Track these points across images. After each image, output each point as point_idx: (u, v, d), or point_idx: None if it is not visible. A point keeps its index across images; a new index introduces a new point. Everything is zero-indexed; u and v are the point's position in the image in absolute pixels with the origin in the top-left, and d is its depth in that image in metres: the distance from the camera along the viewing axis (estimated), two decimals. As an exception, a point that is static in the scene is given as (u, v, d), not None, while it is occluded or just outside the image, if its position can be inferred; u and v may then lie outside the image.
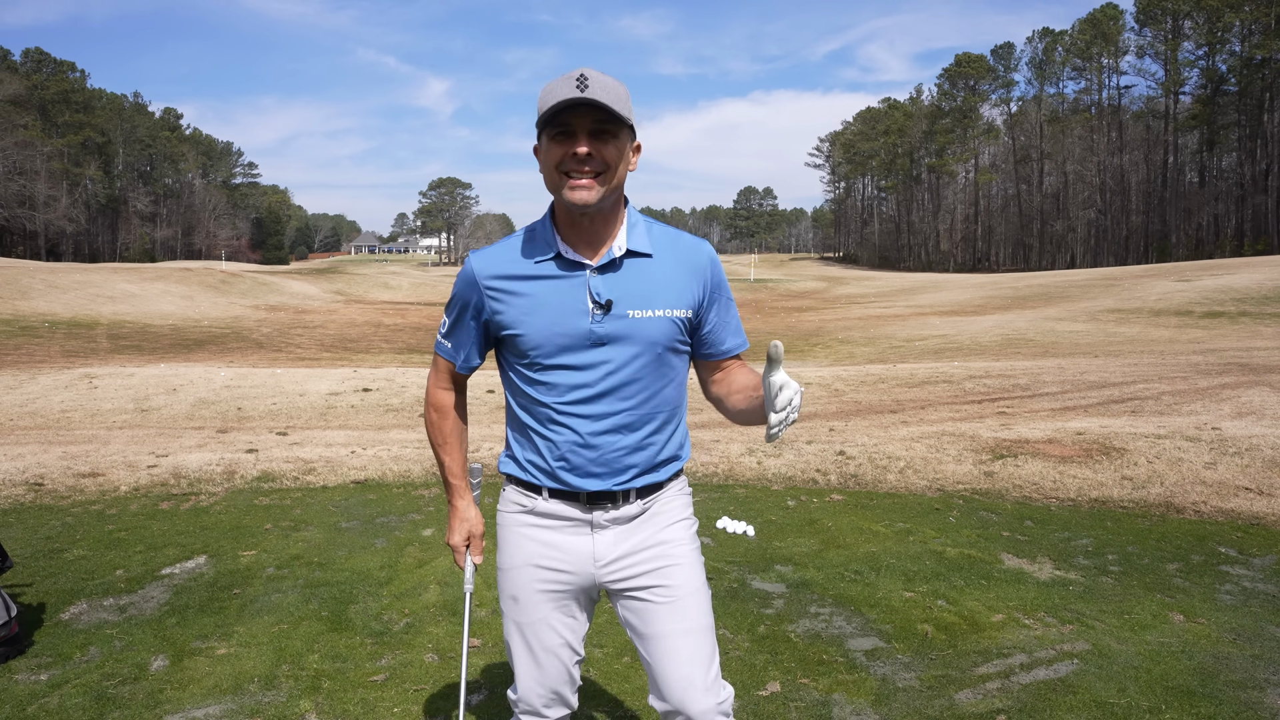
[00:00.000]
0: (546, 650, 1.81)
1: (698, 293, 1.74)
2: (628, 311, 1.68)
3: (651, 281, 1.70)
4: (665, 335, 1.71)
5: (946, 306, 37.37)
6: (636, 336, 1.68)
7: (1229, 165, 78.92)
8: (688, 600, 1.76)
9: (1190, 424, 7.54)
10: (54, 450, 7.13)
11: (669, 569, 1.77)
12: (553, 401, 1.71)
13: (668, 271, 1.71)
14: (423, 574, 4.12)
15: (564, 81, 1.57)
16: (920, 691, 2.93)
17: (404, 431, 8.68)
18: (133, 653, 3.24)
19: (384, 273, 68.80)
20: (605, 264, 1.68)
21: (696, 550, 1.83)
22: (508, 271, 1.71)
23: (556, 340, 1.68)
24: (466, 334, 1.80)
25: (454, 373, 1.87)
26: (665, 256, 1.72)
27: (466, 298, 1.76)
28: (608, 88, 1.58)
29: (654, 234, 1.74)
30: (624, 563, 1.78)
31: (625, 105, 1.60)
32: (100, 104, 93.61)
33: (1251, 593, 3.80)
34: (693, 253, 1.75)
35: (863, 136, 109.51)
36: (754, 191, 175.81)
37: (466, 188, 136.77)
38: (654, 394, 1.73)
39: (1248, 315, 25.18)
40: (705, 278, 1.75)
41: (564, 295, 1.68)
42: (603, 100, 1.55)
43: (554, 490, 1.76)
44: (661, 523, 1.80)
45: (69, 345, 21.54)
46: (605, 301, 1.66)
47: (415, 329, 31.25)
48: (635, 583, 1.78)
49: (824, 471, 6.19)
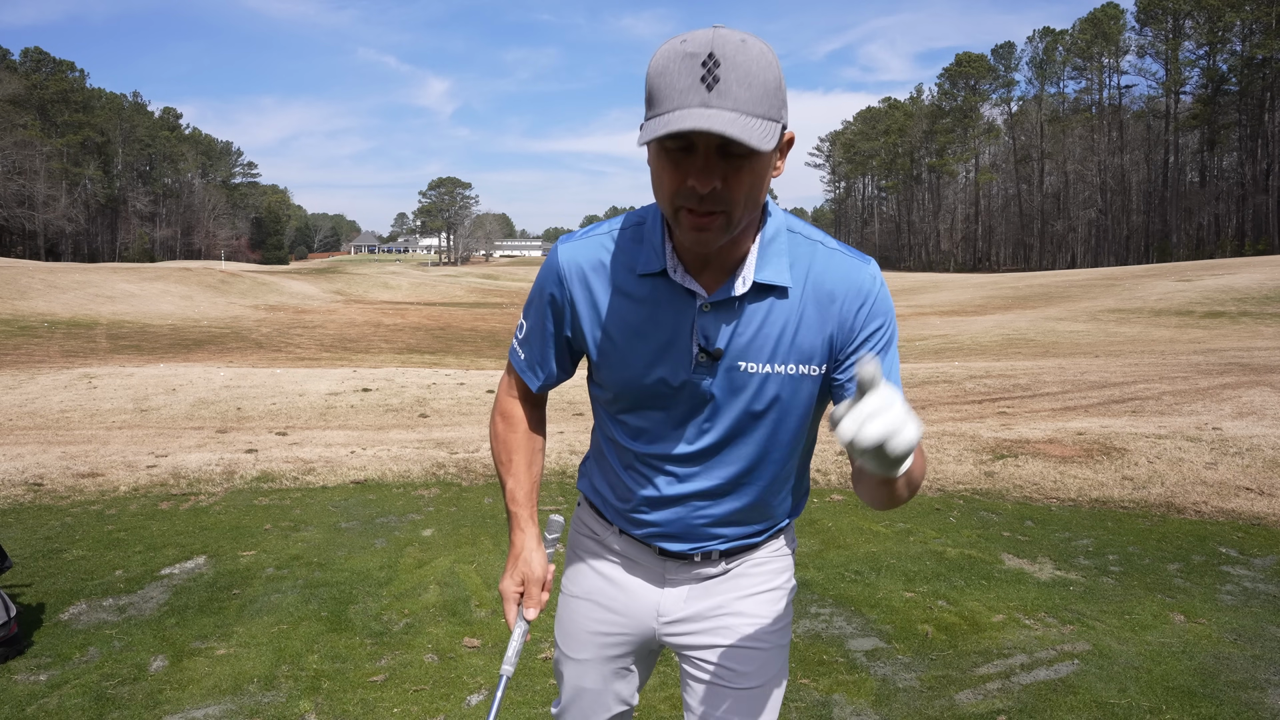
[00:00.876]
0: (588, 692, 1.56)
1: (837, 337, 1.30)
2: (740, 364, 1.29)
3: (778, 327, 1.28)
4: (786, 400, 1.32)
5: (947, 306, 37.37)
6: (747, 397, 1.31)
7: (1230, 165, 78.97)
8: (754, 694, 1.45)
9: (1191, 424, 7.54)
10: (53, 450, 7.13)
11: (733, 651, 1.45)
12: (632, 447, 1.40)
13: (804, 313, 1.28)
14: (422, 574, 4.12)
15: (684, 65, 1.08)
16: (920, 692, 2.92)
17: (404, 431, 8.68)
18: (132, 653, 3.23)
19: (384, 273, 68.80)
20: (722, 300, 1.27)
21: (779, 630, 1.49)
22: (601, 275, 1.34)
23: (644, 384, 1.34)
24: (546, 343, 1.43)
25: (524, 388, 1.52)
26: (805, 287, 1.29)
27: (548, 297, 1.39)
28: (749, 83, 1.08)
29: (798, 255, 1.29)
30: (691, 626, 1.48)
31: (772, 105, 1.11)
32: (100, 104, 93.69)
33: (1252, 593, 3.80)
34: (845, 277, 1.29)
35: (863, 136, 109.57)
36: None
37: (466, 187, 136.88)
38: (761, 460, 1.37)
39: (1248, 315, 25.18)
40: (856, 311, 1.29)
41: (663, 331, 1.30)
42: (733, 132, 1.05)
43: (625, 532, 1.49)
44: (742, 589, 1.46)
45: (68, 345, 21.54)
46: (715, 350, 1.28)
47: (415, 329, 31.25)
48: (700, 654, 1.48)
49: (824, 471, 6.19)
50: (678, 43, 1.10)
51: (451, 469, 6.34)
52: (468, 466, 6.40)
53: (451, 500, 5.51)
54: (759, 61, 1.09)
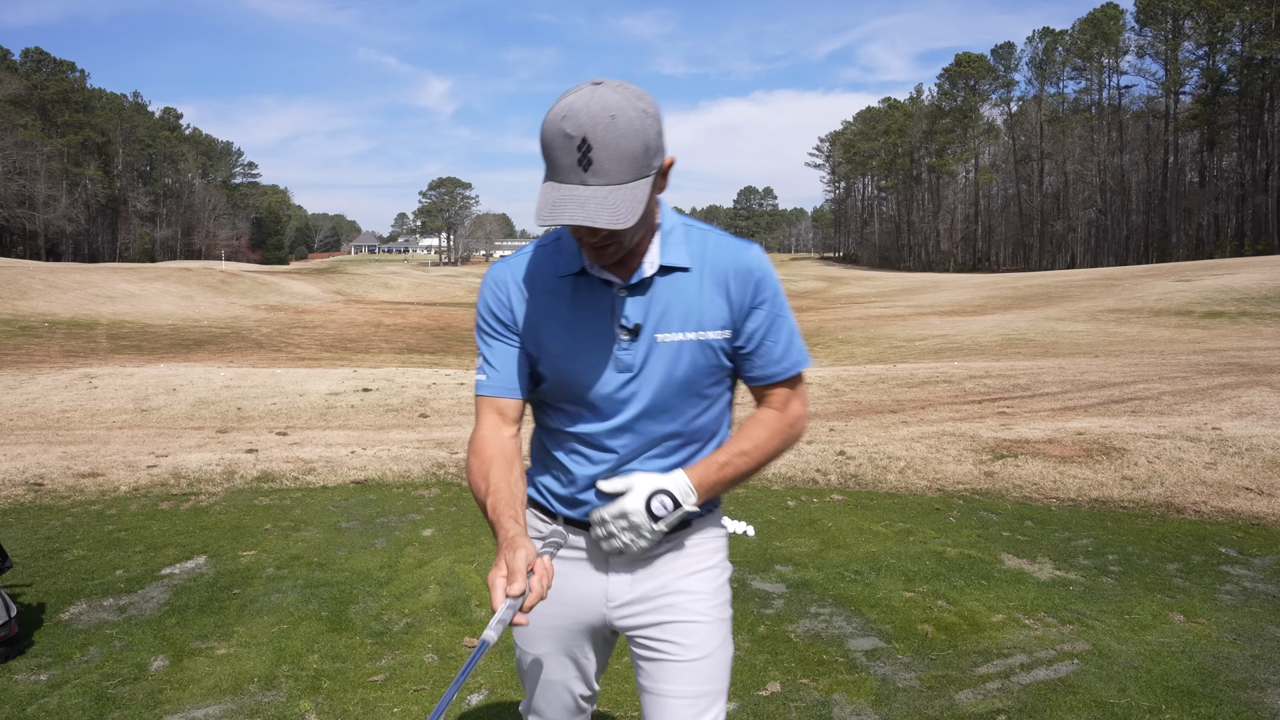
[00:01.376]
0: (552, 684, 1.68)
1: (734, 306, 1.51)
2: (657, 336, 1.49)
3: (685, 300, 1.49)
4: (698, 363, 1.51)
5: (947, 306, 37.37)
6: (665, 365, 1.49)
7: (1229, 165, 78.99)
8: (695, 665, 1.58)
9: (1190, 424, 7.54)
10: (54, 450, 7.13)
11: (685, 625, 1.58)
12: (573, 429, 1.55)
13: (704, 287, 1.50)
14: (423, 574, 4.12)
15: (565, 145, 1.29)
16: (920, 692, 2.92)
17: (404, 431, 8.68)
18: (132, 653, 3.24)
19: (384, 273, 68.78)
20: (636, 283, 1.47)
21: (719, 604, 1.62)
22: (528, 283, 1.53)
23: (578, 366, 1.50)
24: (508, 351, 1.55)
25: (498, 406, 1.56)
26: (703, 267, 1.50)
27: (496, 309, 1.55)
28: (618, 158, 1.29)
29: (692, 242, 1.51)
30: (638, 608, 1.60)
31: (640, 166, 1.32)
32: (100, 104, 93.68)
33: (1252, 593, 3.80)
34: (732, 256, 1.51)
35: (863, 136, 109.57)
36: (754, 191, 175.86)
37: (466, 188, 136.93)
38: (686, 425, 1.55)
39: (1248, 315, 25.18)
40: (743, 285, 1.51)
41: (588, 317, 1.50)
42: (601, 221, 1.28)
43: (570, 520, 1.60)
44: (682, 569, 1.60)
45: (69, 345, 21.54)
46: (634, 326, 1.48)
47: (415, 329, 31.25)
48: (647, 632, 1.61)
49: (824, 471, 6.19)
50: (559, 119, 1.29)
51: (451, 469, 6.34)
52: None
53: (451, 500, 5.51)
54: (626, 135, 1.29)
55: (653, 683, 1.59)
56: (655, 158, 1.35)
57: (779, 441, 1.57)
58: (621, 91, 1.31)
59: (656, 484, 1.49)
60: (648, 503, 1.48)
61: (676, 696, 1.56)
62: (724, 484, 1.54)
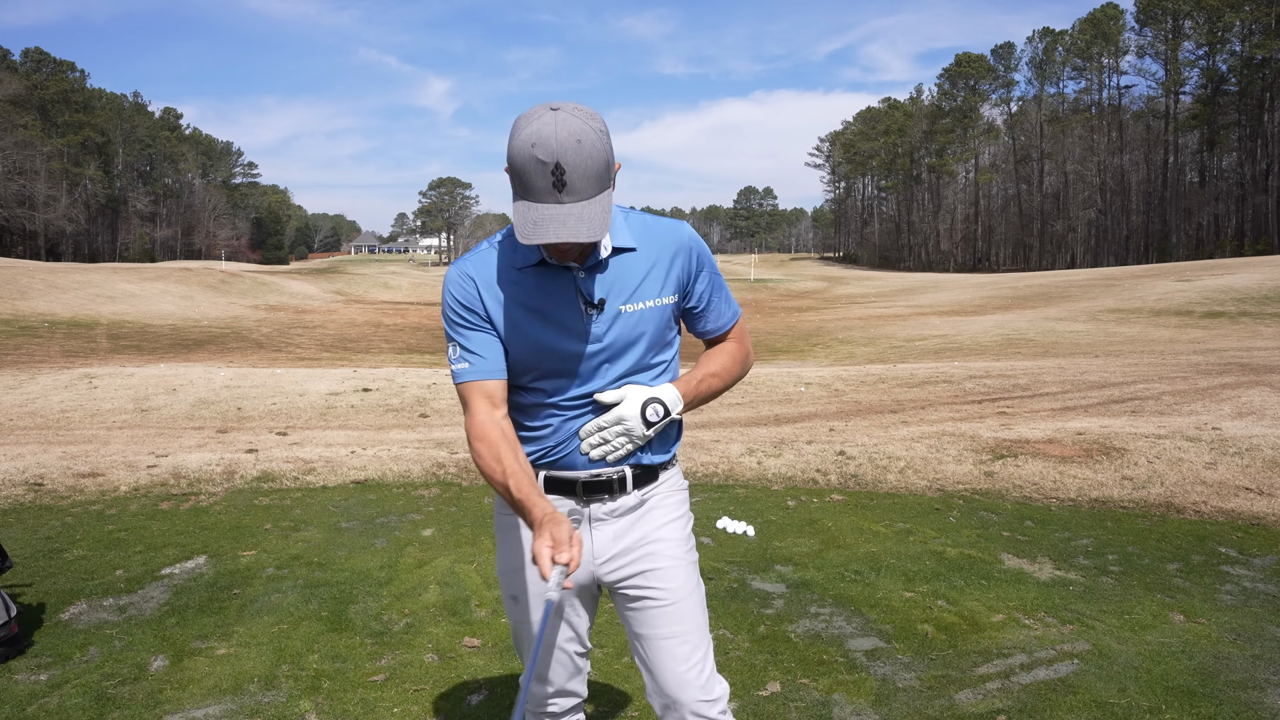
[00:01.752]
0: (546, 648, 1.83)
1: (680, 275, 1.75)
2: (620, 307, 1.68)
3: (638, 274, 1.70)
4: (658, 325, 1.73)
5: (947, 306, 37.38)
6: (631, 330, 1.70)
7: (1229, 165, 78.97)
8: (681, 604, 1.78)
9: (1190, 424, 7.54)
10: (54, 450, 7.13)
11: (662, 571, 1.78)
12: (547, 399, 1.72)
13: (651, 260, 1.72)
14: (423, 574, 4.12)
15: (538, 169, 1.47)
16: (920, 691, 2.92)
17: (404, 431, 8.68)
18: (132, 653, 3.24)
19: (384, 273, 68.78)
20: (591, 265, 1.67)
21: (690, 549, 1.85)
22: (491, 276, 1.68)
23: (554, 343, 1.67)
24: (478, 332, 1.69)
25: (487, 391, 1.70)
26: (647, 246, 1.72)
27: (465, 302, 1.69)
28: (587, 176, 1.49)
29: (633, 225, 1.73)
30: (620, 560, 1.79)
31: (603, 179, 1.53)
32: (100, 104, 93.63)
33: (1252, 593, 3.80)
34: (672, 235, 1.74)
35: (863, 136, 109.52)
36: (754, 191, 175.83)
37: (466, 188, 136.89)
38: (651, 378, 1.77)
39: (1248, 315, 25.19)
40: (686, 259, 1.75)
41: (556, 300, 1.67)
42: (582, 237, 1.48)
43: (550, 481, 1.76)
44: (657, 520, 1.80)
45: (69, 345, 21.54)
46: (598, 301, 1.67)
47: (415, 329, 31.25)
48: (631, 583, 1.80)
49: (824, 471, 6.19)
50: (529, 145, 1.47)
51: (451, 469, 6.35)
52: (468, 466, 6.40)
53: (451, 500, 5.51)
54: (591, 155, 1.49)
55: (645, 628, 1.78)
56: (610, 167, 1.54)
57: (739, 368, 1.88)
58: (580, 115, 1.49)
59: (649, 394, 1.72)
60: (643, 409, 1.70)
61: (673, 636, 1.76)
62: (700, 398, 1.81)
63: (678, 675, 1.76)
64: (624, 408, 1.70)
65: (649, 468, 1.79)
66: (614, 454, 1.72)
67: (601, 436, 1.71)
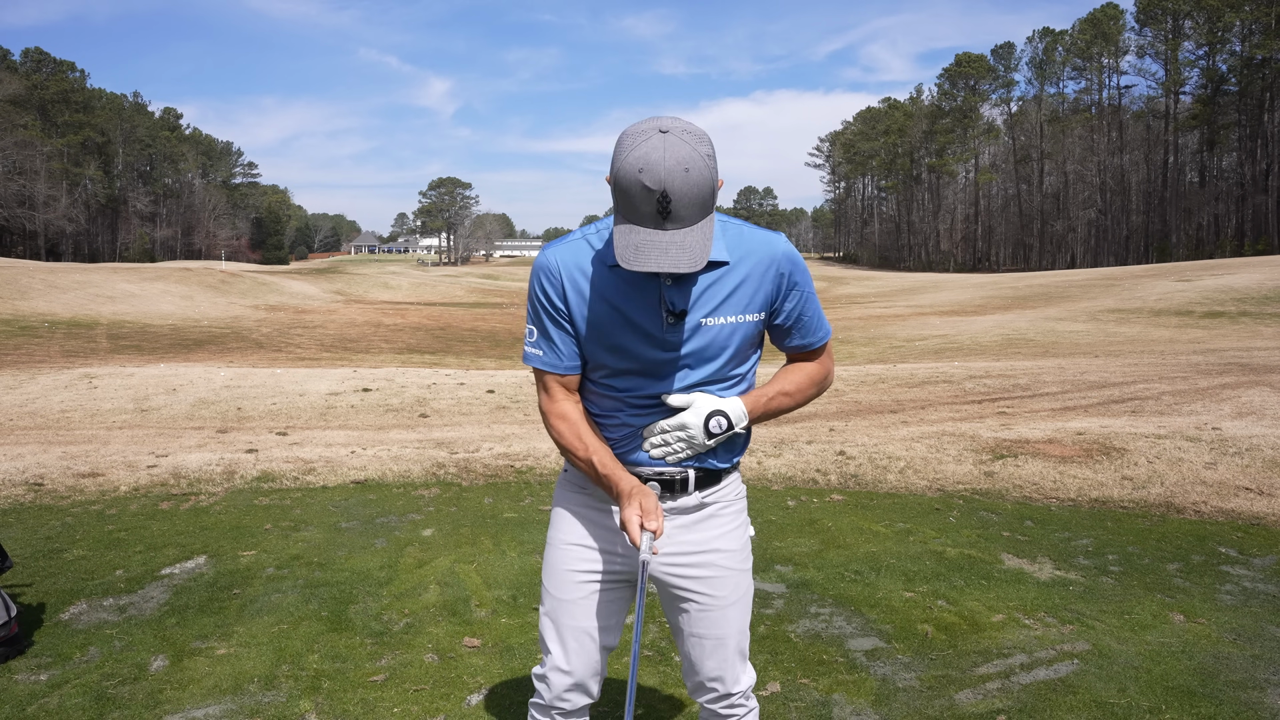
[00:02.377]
0: (576, 630, 1.82)
1: (770, 292, 1.71)
2: (701, 320, 1.67)
3: (726, 288, 1.67)
4: (738, 340, 1.71)
5: (946, 306, 37.38)
6: (709, 342, 1.68)
7: (1229, 165, 78.97)
8: (730, 610, 1.82)
9: (1190, 424, 7.54)
10: (54, 450, 7.13)
11: (717, 579, 1.81)
12: (617, 394, 1.74)
13: (742, 275, 1.69)
14: (423, 574, 4.12)
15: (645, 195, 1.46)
16: (920, 691, 2.92)
17: (404, 431, 8.68)
18: (132, 653, 3.24)
19: (384, 273, 68.76)
20: (680, 274, 1.64)
21: (746, 557, 1.87)
22: (581, 269, 1.68)
23: (626, 344, 1.68)
24: (559, 329, 1.72)
25: (562, 381, 1.76)
26: (741, 260, 1.69)
27: (547, 291, 1.70)
28: (692, 204, 1.48)
29: (729, 237, 1.68)
30: (675, 560, 1.80)
31: (708, 204, 1.51)
32: (100, 104, 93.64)
33: (1252, 593, 3.80)
34: (765, 249, 1.70)
35: (863, 136, 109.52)
36: (754, 191, 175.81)
37: (466, 187, 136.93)
38: (724, 389, 1.76)
39: (1248, 315, 25.19)
40: (778, 276, 1.71)
41: (637, 301, 1.65)
42: (682, 268, 1.48)
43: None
44: (718, 528, 1.82)
45: (69, 345, 21.54)
46: (680, 311, 1.65)
47: (415, 329, 31.25)
48: (682, 583, 1.82)
49: (824, 471, 6.19)
50: (636, 171, 1.46)
51: (451, 469, 6.35)
52: (468, 466, 6.40)
53: (451, 500, 5.51)
54: (699, 183, 1.47)
55: (690, 627, 1.83)
56: (715, 194, 1.53)
57: (814, 389, 1.84)
58: (689, 140, 1.47)
59: (716, 405, 1.71)
60: (706, 421, 1.70)
61: (716, 638, 1.82)
62: (769, 415, 1.79)
63: (712, 668, 1.84)
64: (689, 415, 1.70)
65: (712, 471, 1.80)
66: (674, 456, 1.73)
67: (663, 439, 1.72)
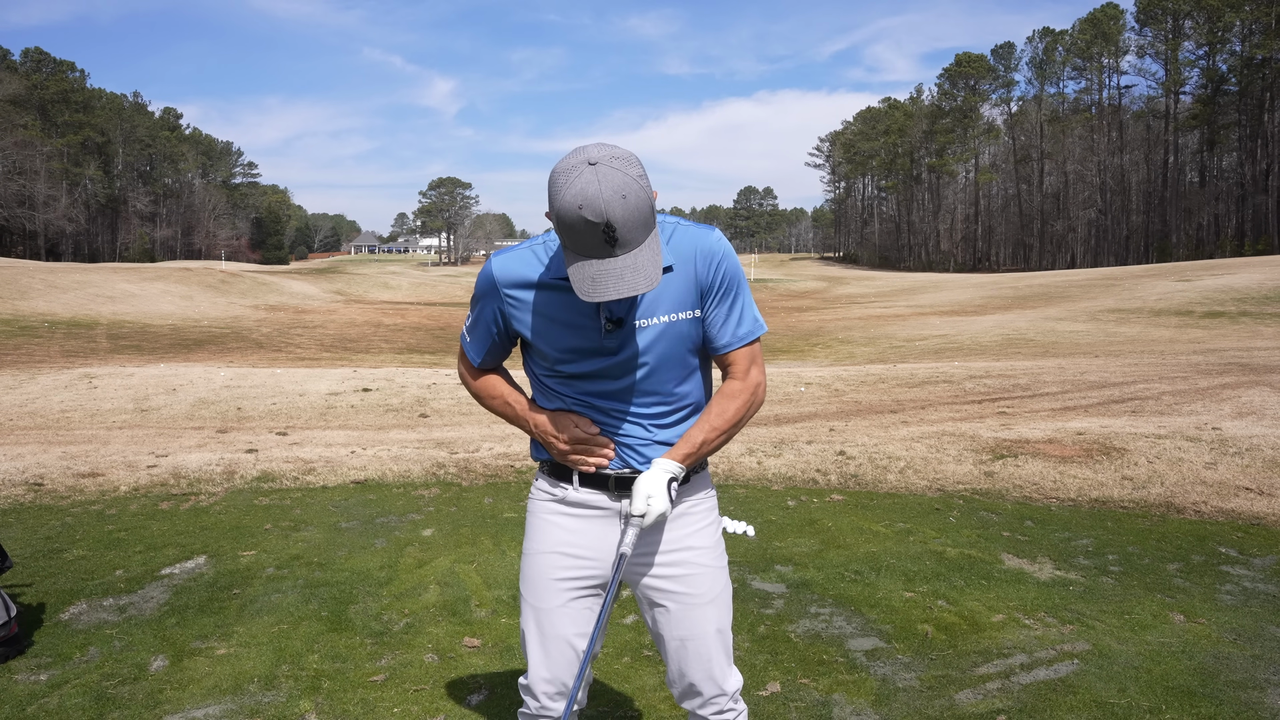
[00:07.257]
0: (557, 638, 1.84)
1: (700, 285, 1.73)
2: (638, 322, 1.71)
3: (661, 289, 1.70)
4: (676, 338, 1.74)
5: (947, 306, 37.39)
6: (648, 343, 1.72)
7: (1229, 165, 78.96)
8: (706, 609, 1.84)
9: (1190, 424, 7.54)
10: (54, 450, 7.13)
11: (691, 577, 1.83)
12: (574, 397, 1.79)
13: (678, 274, 1.71)
14: (423, 574, 4.12)
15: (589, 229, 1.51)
16: (920, 691, 2.92)
17: (404, 431, 8.68)
18: (132, 653, 3.24)
19: (384, 273, 68.76)
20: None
21: (720, 554, 1.89)
22: (526, 279, 1.73)
23: (571, 351, 1.74)
24: (486, 334, 1.84)
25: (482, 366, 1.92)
26: (677, 260, 1.71)
27: (486, 299, 1.79)
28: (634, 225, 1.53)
29: (667, 240, 1.71)
30: (648, 560, 1.84)
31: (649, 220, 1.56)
32: (100, 104, 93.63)
33: (1252, 593, 3.80)
34: (694, 244, 1.72)
35: (863, 136, 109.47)
36: (754, 191, 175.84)
37: (466, 187, 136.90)
38: (670, 391, 1.78)
39: (1248, 315, 25.19)
40: (705, 266, 1.72)
41: (577, 311, 1.70)
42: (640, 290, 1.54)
43: (583, 476, 1.81)
44: (690, 526, 1.85)
45: (69, 345, 21.54)
46: (618, 319, 1.70)
47: (415, 329, 31.26)
48: (658, 583, 1.84)
49: (824, 471, 6.19)
50: (576, 208, 1.49)
51: (451, 469, 6.34)
52: (468, 466, 6.40)
53: (451, 500, 5.51)
54: (636, 205, 1.51)
55: (668, 629, 1.84)
56: (653, 209, 1.58)
57: (744, 411, 1.82)
58: (618, 165, 1.50)
59: (665, 477, 1.74)
60: (668, 491, 1.74)
61: (695, 638, 1.82)
62: (705, 455, 1.81)
63: (696, 672, 1.84)
64: (655, 503, 1.73)
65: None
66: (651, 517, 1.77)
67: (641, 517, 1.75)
